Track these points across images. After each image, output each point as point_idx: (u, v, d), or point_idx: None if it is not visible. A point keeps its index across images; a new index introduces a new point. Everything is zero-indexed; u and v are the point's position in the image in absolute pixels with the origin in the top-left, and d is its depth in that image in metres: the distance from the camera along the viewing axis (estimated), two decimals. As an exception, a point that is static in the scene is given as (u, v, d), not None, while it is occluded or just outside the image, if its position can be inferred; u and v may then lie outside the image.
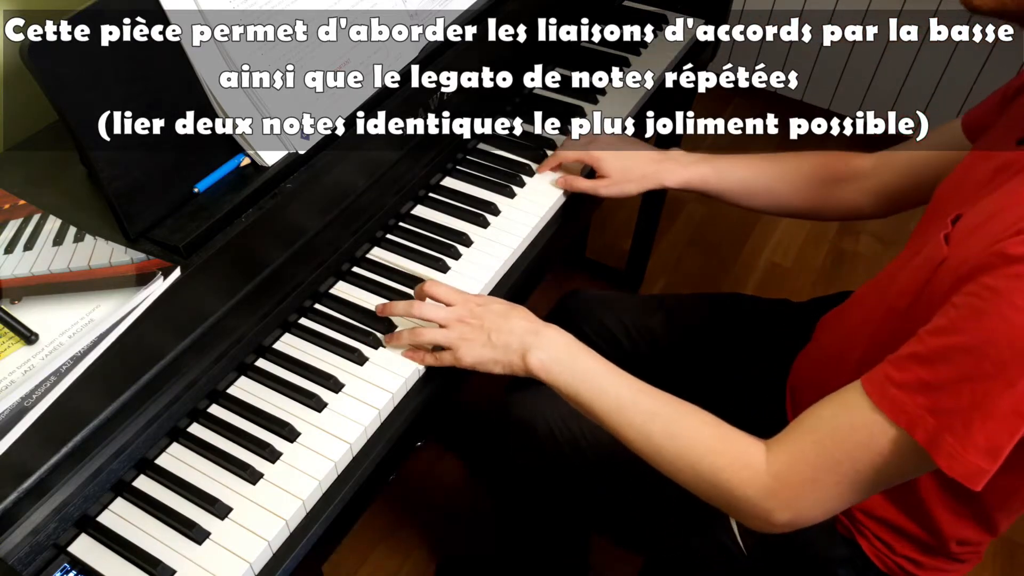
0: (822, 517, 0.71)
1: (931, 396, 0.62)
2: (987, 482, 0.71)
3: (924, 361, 0.63)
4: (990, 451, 0.60)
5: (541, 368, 0.82)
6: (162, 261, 0.75)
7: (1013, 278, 0.58)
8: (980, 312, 0.59)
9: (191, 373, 0.79)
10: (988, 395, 0.59)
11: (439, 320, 0.85)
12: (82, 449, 0.71)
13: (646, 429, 0.77)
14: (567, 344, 0.84)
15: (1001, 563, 1.51)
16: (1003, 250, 0.59)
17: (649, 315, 1.17)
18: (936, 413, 0.61)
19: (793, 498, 0.70)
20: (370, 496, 0.82)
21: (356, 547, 1.49)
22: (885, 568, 0.85)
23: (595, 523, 1.07)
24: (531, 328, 0.84)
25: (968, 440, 0.60)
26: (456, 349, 0.84)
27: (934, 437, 0.62)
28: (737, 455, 0.73)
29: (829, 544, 0.87)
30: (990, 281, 0.59)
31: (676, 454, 0.76)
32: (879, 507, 0.83)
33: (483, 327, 0.84)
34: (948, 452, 0.61)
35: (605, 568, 1.44)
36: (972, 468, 0.61)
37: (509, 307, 0.86)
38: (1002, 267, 0.59)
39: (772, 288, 2.00)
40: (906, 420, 0.63)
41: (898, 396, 0.64)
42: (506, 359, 0.83)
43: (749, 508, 0.72)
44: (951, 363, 0.61)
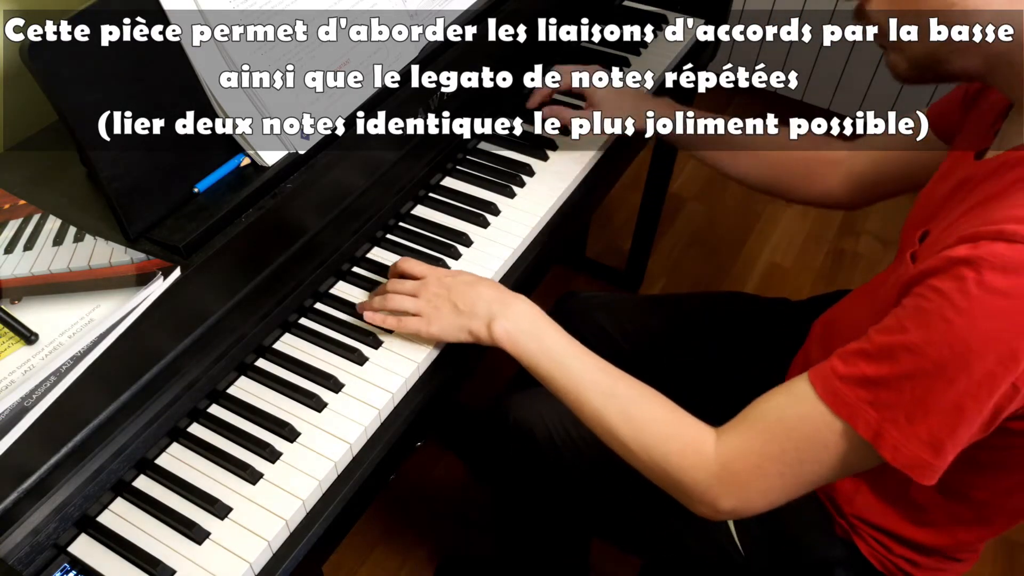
0: (766, 507, 0.72)
1: (873, 391, 0.63)
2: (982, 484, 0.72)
3: (869, 357, 0.64)
4: (933, 444, 0.62)
5: (506, 337, 0.82)
6: (162, 261, 0.75)
7: (955, 279, 0.59)
8: (924, 312, 0.61)
9: (191, 373, 0.79)
10: (929, 391, 0.61)
11: (407, 291, 0.87)
12: (82, 449, 0.71)
13: (603, 409, 0.78)
14: (534, 317, 0.84)
15: (1001, 563, 1.50)
16: (948, 255, 0.61)
17: (647, 315, 1.17)
18: (878, 407, 0.63)
19: (738, 486, 0.71)
20: (370, 496, 0.82)
21: (356, 547, 1.49)
22: (883, 568, 0.85)
23: (593, 525, 1.07)
24: (498, 297, 0.85)
25: (911, 433, 0.62)
26: (424, 315, 0.85)
27: (877, 430, 0.63)
28: (688, 440, 0.74)
29: (827, 545, 0.87)
30: (935, 283, 0.61)
31: (630, 436, 0.76)
32: (876, 514, 0.83)
33: (449, 296, 0.85)
34: (892, 444, 0.63)
35: (605, 569, 1.44)
36: (916, 459, 0.62)
37: (477, 278, 0.88)
38: (947, 270, 0.60)
39: (772, 288, 2.00)
40: (848, 413, 0.65)
41: (841, 389, 0.65)
42: (471, 325, 0.84)
43: (696, 493, 0.73)
44: (894, 360, 0.63)
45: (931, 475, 0.63)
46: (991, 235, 0.59)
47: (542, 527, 1.13)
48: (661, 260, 2.05)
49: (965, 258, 0.59)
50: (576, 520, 1.10)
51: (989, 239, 0.59)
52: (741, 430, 0.72)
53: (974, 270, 0.58)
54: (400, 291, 0.87)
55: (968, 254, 0.59)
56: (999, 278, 0.57)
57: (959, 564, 0.85)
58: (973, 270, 0.58)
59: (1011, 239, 0.58)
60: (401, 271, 0.90)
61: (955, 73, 0.69)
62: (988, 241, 0.59)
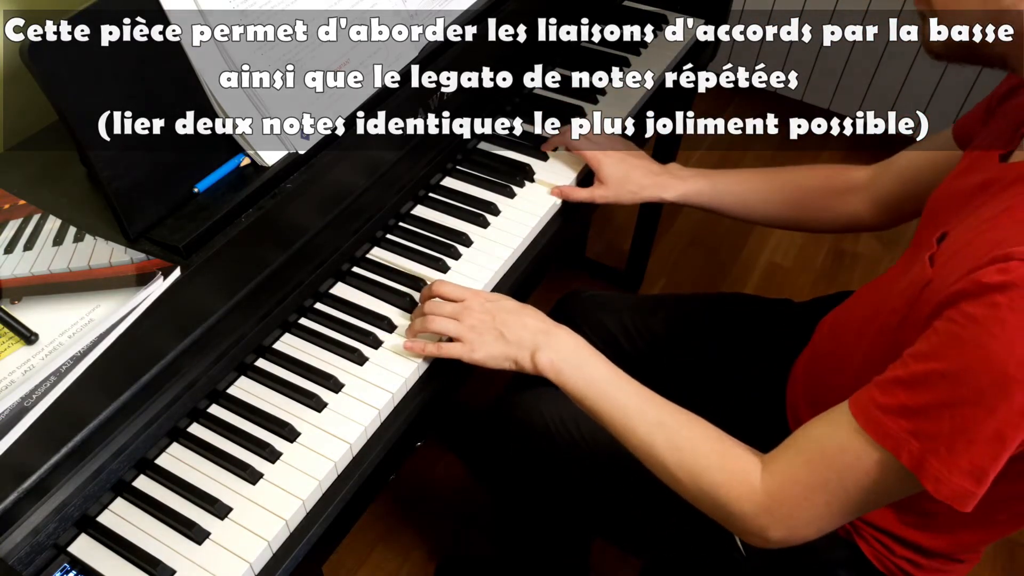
0: (816, 535, 0.72)
1: (914, 420, 0.63)
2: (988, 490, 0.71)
3: (907, 386, 0.64)
4: (974, 474, 0.61)
5: (551, 368, 0.82)
6: (162, 261, 0.75)
7: (990, 307, 0.58)
8: (959, 339, 0.60)
9: (191, 373, 0.79)
10: (969, 421, 0.60)
11: (450, 314, 0.85)
12: (82, 449, 0.71)
13: (650, 439, 0.78)
14: (577, 347, 0.84)
15: (1001, 563, 1.50)
16: (980, 279, 0.60)
17: (648, 315, 1.17)
18: (919, 437, 0.62)
19: (786, 516, 0.71)
20: (370, 496, 0.82)
21: (356, 547, 1.49)
22: (884, 570, 0.85)
23: (595, 525, 1.07)
24: (543, 328, 0.85)
25: (952, 464, 0.61)
26: (467, 342, 0.84)
27: (919, 460, 0.63)
28: (735, 471, 0.74)
29: (829, 546, 0.87)
30: (969, 309, 0.60)
31: (678, 466, 0.76)
32: (880, 518, 0.83)
33: (494, 322, 0.84)
34: (934, 475, 0.62)
35: (605, 569, 1.44)
36: (959, 490, 0.62)
37: (520, 306, 0.87)
38: (980, 296, 0.59)
39: (772, 288, 2.00)
40: (891, 444, 0.64)
41: (882, 419, 0.65)
42: (516, 355, 0.83)
43: (745, 524, 0.73)
44: (932, 389, 0.62)
45: (972, 503, 0.63)
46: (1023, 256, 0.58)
47: (542, 527, 1.13)
48: (661, 260, 2.05)
49: (999, 284, 0.58)
50: (577, 519, 1.10)
51: (1021, 260, 0.58)
52: (785, 460, 0.72)
53: (1007, 296, 0.58)
54: (440, 314, 0.86)
55: (1001, 280, 0.58)
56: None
57: (961, 565, 0.85)
58: (1007, 296, 0.58)
59: None
60: (438, 294, 0.88)
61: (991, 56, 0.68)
62: (1020, 263, 0.58)
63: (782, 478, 0.71)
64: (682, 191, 1.09)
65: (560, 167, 1.12)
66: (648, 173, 1.09)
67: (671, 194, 1.09)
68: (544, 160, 1.12)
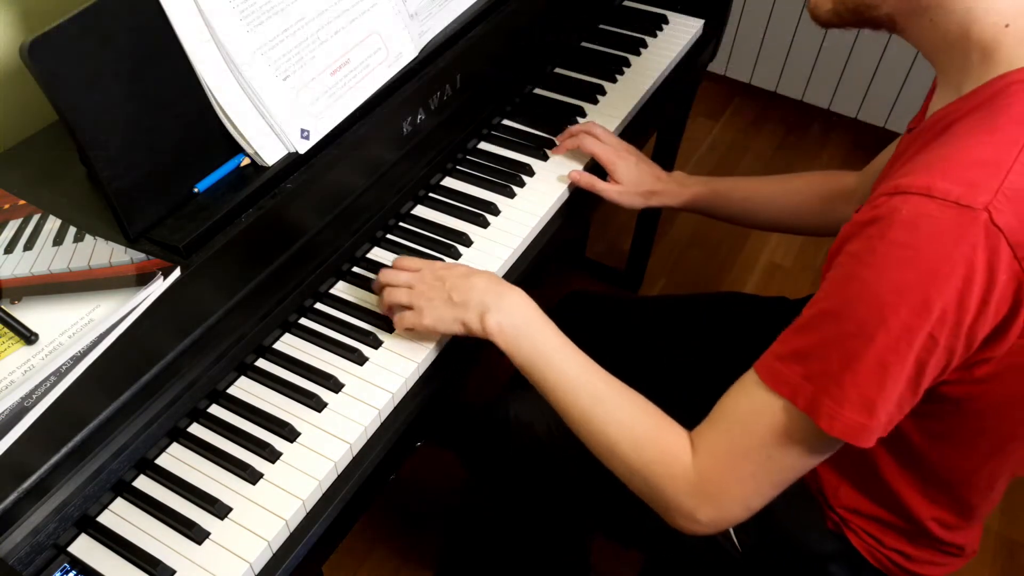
0: (744, 514, 0.72)
1: (805, 364, 0.65)
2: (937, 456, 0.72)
3: (798, 331, 0.66)
4: (864, 405, 0.62)
5: (498, 331, 0.82)
6: (162, 261, 0.75)
7: (866, 239, 0.61)
8: (839, 277, 0.63)
9: (191, 373, 0.79)
10: (853, 353, 0.62)
11: (401, 282, 0.87)
12: (82, 449, 0.71)
13: (589, 412, 0.78)
14: (528, 312, 0.84)
15: (1001, 563, 1.50)
16: (856, 219, 0.63)
17: (648, 315, 1.17)
18: (811, 379, 0.64)
19: (715, 493, 0.71)
20: (370, 496, 0.82)
21: (356, 547, 1.49)
22: (876, 562, 0.85)
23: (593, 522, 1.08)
24: (494, 289, 0.84)
25: (842, 398, 0.63)
26: (417, 308, 0.85)
27: (812, 402, 0.64)
28: (667, 446, 0.74)
29: (819, 539, 0.87)
30: (848, 247, 0.63)
31: (614, 441, 0.77)
32: (852, 499, 0.84)
33: (444, 287, 0.85)
34: (827, 413, 0.63)
35: (605, 569, 1.44)
36: (851, 424, 0.63)
37: (471, 270, 0.87)
38: (856, 234, 0.62)
39: (772, 288, 2.00)
40: (789, 391, 0.65)
41: (779, 368, 0.67)
42: (464, 316, 0.83)
43: (676, 504, 0.73)
44: (819, 329, 0.64)
45: (868, 437, 0.63)
46: (889, 192, 0.61)
47: (542, 526, 1.14)
48: (661, 260, 2.05)
49: (869, 219, 0.61)
50: (576, 517, 1.10)
51: (887, 195, 0.61)
52: (708, 433, 0.73)
53: (877, 227, 0.60)
54: (394, 282, 0.87)
55: (872, 215, 0.61)
56: (900, 232, 0.59)
57: (955, 558, 0.85)
58: (877, 228, 0.60)
59: (905, 191, 0.60)
60: (397, 266, 0.90)
61: (879, 20, 0.70)
62: (886, 197, 0.61)
63: (706, 453, 0.71)
64: (686, 198, 1.12)
65: (561, 167, 1.12)
66: (656, 179, 1.12)
67: (676, 201, 1.12)
68: (544, 160, 1.12)
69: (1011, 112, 0.61)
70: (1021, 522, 1.57)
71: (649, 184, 1.10)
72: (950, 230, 0.57)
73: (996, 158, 0.59)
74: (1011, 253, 0.57)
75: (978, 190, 0.57)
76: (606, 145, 1.10)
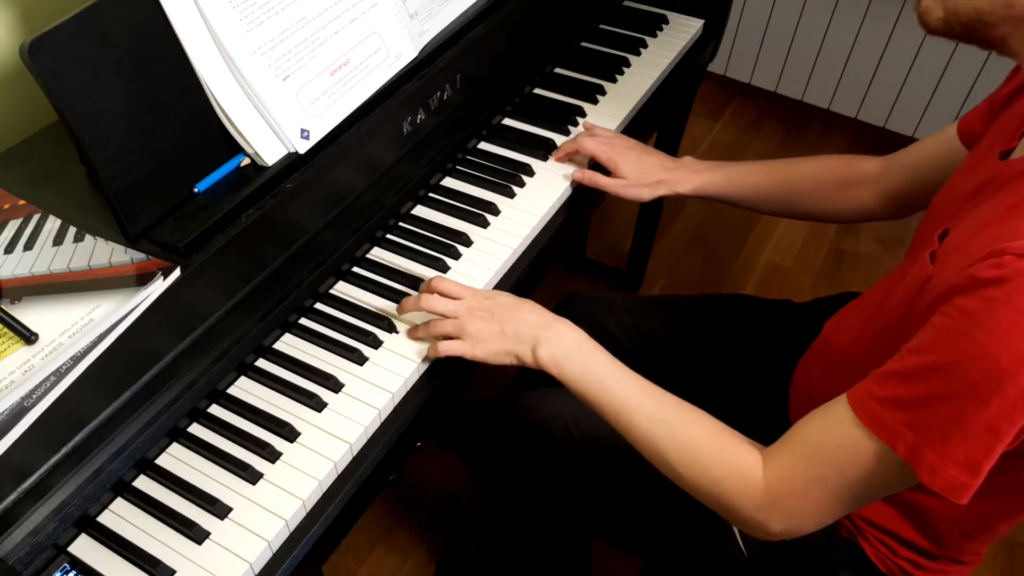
0: (816, 527, 0.72)
1: (909, 412, 0.63)
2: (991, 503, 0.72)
3: (902, 378, 0.64)
4: (969, 466, 0.62)
5: (552, 362, 0.82)
6: (162, 261, 0.74)
7: (983, 300, 0.59)
8: (953, 333, 0.61)
9: (191, 373, 0.79)
10: (963, 413, 0.60)
11: (449, 312, 0.86)
12: (82, 449, 0.71)
13: (652, 434, 0.78)
14: (578, 340, 0.84)
15: (1001, 563, 1.51)
16: (974, 274, 0.60)
17: (649, 316, 1.17)
18: (915, 428, 0.63)
19: (786, 510, 0.71)
20: (370, 496, 0.82)
21: (356, 547, 1.49)
22: (887, 570, 0.85)
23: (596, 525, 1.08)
24: (542, 322, 0.85)
25: (947, 455, 0.62)
26: (467, 339, 0.84)
27: (915, 451, 0.63)
28: (736, 466, 0.74)
29: (832, 547, 0.87)
30: (963, 303, 0.61)
31: (679, 461, 0.77)
32: (880, 516, 0.83)
33: (494, 318, 0.85)
34: (929, 466, 0.63)
35: (606, 569, 1.44)
36: (954, 482, 0.62)
37: (518, 300, 0.87)
38: (973, 290, 0.60)
39: (772, 288, 2.00)
40: (887, 435, 0.65)
41: (879, 411, 0.65)
42: (517, 350, 0.84)
43: (746, 518, 0.73)
44: (927, 381, 0.62)
45: (967, 495, 0.63)
46: (1017, 252, 0.58)
47: (542, 526, 1.13)
48: (661, 260, 2.05)
49: (992, 279, 0.59)
50: (578, 519, 1.10)
51: (1015, 255, 0.58)
52: (784, 455, 0.72)
53: (1001, 290, 0.58)
54: (437, 310, 0.86)
55: (995, 275, 0.59)
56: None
57: (963, 567, 0.85)
58: (1000, 290, 0.58)
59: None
60: (437, 290, 0.88)
61: (991, 41, 0.67)
62: (1014, 258, 0.58)
63: (781, 473, 0.72)
64: (697, 184, 1.09)
65: (561, 166, 1.12)
66: (663, 168, 1.10)
67: (687, 187, 1.09)
68: (544, 160, 1.12)
69: None
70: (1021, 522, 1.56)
71: (655, 174, 1.09)
72: None
73: None
74: None
75: None
76: (604, 144, 1.10)
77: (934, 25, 0.70)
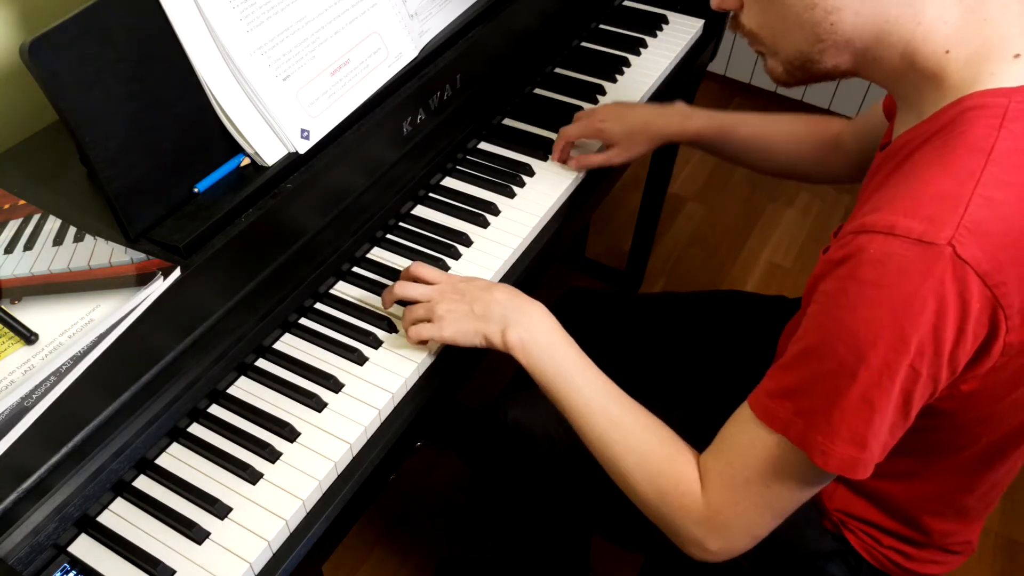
0: (751, 543, 0.73)
1: (795, 400, 0.65)
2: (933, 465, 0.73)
3: (787, 368, 0.67)
4: (854, 440, 0.63)
5: (519, 346, 0.82)
6: (162, 261, 0.75)
7: (837, 280, 0.62)
8: (819, 316, 0.64)
9: (191, 373, 0.79)
10: (837, 390, 0.62)
11: (421, 296, 0.86)
12: (82, 449, 0.71)
13: (608, 436, 0.78)
14: (549, 328, 0.83)
15: (1001, 563, 1.51)
16: (829, 258, 0.64)
17: (647, 313, 1.17)
18: (802, 415, 0.65)
19: (722, 526, 0.72)
20: (370, 496, 0.82)
21: (356, 547, 1.49)
22: (875, 561, 0.85)
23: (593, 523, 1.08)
24: (514, 303, 0.84)
25: (833, 434, 0.63)
26: (436, 321, 0.84)
27: (804, 437, 0.65)
28: (682, 478, 0.74)
29: (818, 539, 0.87)
30: (824, 286, 0.64)
31: (630, 467, 0.77)
32: (854, 506, 0.84)
33: (464, 299, 0.84)
34: (820, 449, 0.64)
35: (606, 569, 1.45)
36: (844, 458, 0.64)
37: (492, 283, 0.87)
38: (829, 273, 0.63)
39: (772, 288, 2.00)
40: (780, 426, 0.66)
41: (770, 405, 0.67)
42: (486, 330, 0.83)
43: (686, 533, 0.74)
44: (804, 366, 0.65)
45: (862, 469, 0.64)
46: (855, 230, 0.62)
47: (541, 526, 1.14)
48: (661, 260, 2.05)
49: (839, 258, 0.62)
50: (575, 518, 1.10)
51: (853, 234, 0.62)
52: (712, 464, 0.73)
53: (847, 268, 0.61)
54: (411, 295, 0.86)
55: (842, 254, 0.62)
56: (869, 270, 0.60)
57: (955, 556, 0.85)
58: (846, 268, 0.61)
59: (871, 230, 0.60)
60: (414, 275, 0.89)
61: (829, 71, 0.70)
62: (852, 236, 0.61)
63: (711, 484, 0.72)
64: (692, 132, 1.09)
65: (561, 166, 1.12)
66: (654, 117, 1.10)
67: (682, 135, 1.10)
68: (544, 160, 1.12)
69: (966, 141, 0.61)
70: (1021, 522, 1.57)
71: (646, 127, 1.08)
72: (916, 267, 0.58)
73: (955, 191, 0.59)
74: (980, 282, 0.58)
75: (940, 225, 0.58)
76: (583, 123, 1.10)
77: (783, 79, 0.74)
